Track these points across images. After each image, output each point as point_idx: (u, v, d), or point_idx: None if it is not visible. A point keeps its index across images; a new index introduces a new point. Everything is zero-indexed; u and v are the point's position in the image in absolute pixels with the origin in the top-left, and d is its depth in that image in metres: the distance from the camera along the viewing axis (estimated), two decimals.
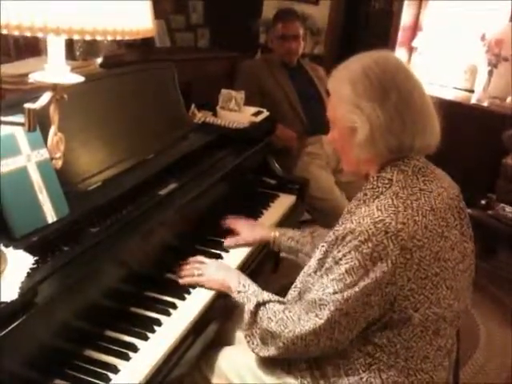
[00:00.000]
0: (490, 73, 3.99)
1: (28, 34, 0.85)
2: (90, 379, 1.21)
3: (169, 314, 1.43)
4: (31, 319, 1.09)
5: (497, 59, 3.94)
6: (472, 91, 4.18)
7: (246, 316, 1.38)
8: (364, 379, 1.28)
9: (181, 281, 1.57)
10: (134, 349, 1.30)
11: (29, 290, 1.11)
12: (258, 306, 1.38)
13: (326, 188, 2.83)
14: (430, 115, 1.30)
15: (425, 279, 1.23)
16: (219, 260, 1.70)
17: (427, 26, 4.47)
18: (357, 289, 1.20)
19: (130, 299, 1.45)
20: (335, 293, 1.22)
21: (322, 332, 1.25)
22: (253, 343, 1.37)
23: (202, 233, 1.81)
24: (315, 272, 1.33)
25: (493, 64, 3.96)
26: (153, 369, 1.26)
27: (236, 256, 1.75)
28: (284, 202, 2.18)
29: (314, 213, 2.94)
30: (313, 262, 1.36)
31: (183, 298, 1.50)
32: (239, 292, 1.45)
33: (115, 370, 1.23)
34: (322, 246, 1.33)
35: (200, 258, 1.66)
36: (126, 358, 1.27)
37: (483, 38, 4.03)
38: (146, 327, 1.37)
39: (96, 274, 1.31)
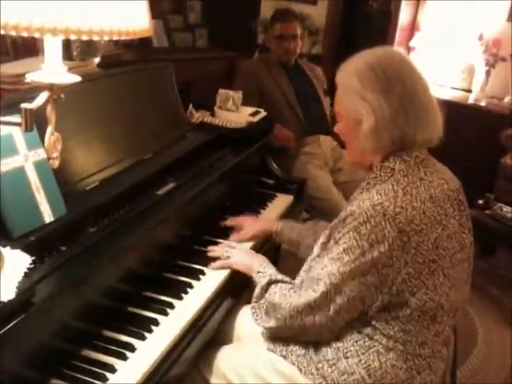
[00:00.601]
0: (488, 73, 4.01)
1: (25, 34, 0.86)
2: (87, 379, 1.21)
3: (166, 314, 1.43)
4: (29, 319, 1.09)
5: (494, 59, 3.95)
6: (470, 91, 4.19)
7: (257, 290, 1.48)
8: (363, 361, 1.31)
9: (210, 267, 1.64)
10: (132, 348, 1.30)
11: (26, 290, 1.11)
12: (270, 283, 1.47)
13: (324, 188, 2.83)
14: (433, 109, 1.35)
15: (422, 264, 1.26)
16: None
17: (425, 25, 4.48)
18: (353, 265, 1.25)
19: (128, 299, 1.45)
20: (332, 269, 1.28)
21: (317, 306, 1.31)
22: (257, 315, 1.47)
23: (199, 233, 1.81)
24: (318, 256, 1.38)
25: (490, 64, 3.97)
26: (150, 368, 1.26)
27: None
28: (282, 202, 2.19)
29: (312, 212, 2.94)
30: (316, 248, 1.41)
31: (180, 298, 1.50)
32: (258, 272, 1.54)
33: (112, 369, 1.23)
34: (325, 233, 1.38)
35: (228, 242, 1.76)
36: (124, 357, 1.27)
37: (481, 37, 4.04)
38: (143, 327, 1.37)
39: (93, 273, 1.31)
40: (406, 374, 1.31)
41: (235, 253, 1.67)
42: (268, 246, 1.88)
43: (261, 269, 1.54)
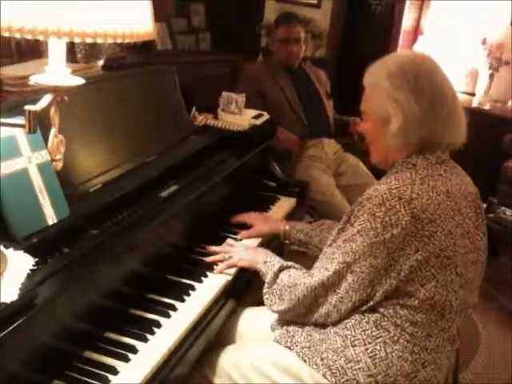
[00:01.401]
0: (491, 76, 4.01)
1: (29, 37, 0.86)
2: (89, 380, 1.20)
3: (168, 316, 1.43)
4: (31, 320, 1.09)
5: (498, 63, 3.95)
6: (473, 95, 4.19)
7: (269, 276, 1.51)
8: (369, 350, 1.32)
9: (215, 271, 1.63)
10: (134, 350, 1.30)
11: (29, 292, 1.12)
12: (282, 269, 1.51)
13: (327, 191, 2.83)
14: (460, 113, 1.38)
15: (436, 258, 1.28)
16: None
17: (428, 29, 4.48)
18: (366, 245, 1.28)
19: (130, 301, 1.45)
20: (345, 248, 1.32)
21: (330, 284, 1.34)
22: (271, 300, 1.49)
23: (202, 235, 1.81)
24: (334, 241, 1.40)
25: (494, 68, 3.98)
26: (152, 370, 1.26)
27: None
28: (284, 205, 2.19)
29: (315, 215, 2.94)
30: (333, 234, 1.43)
31: (183, 300, 1.50)
32: (265, 262, 1.56)
33: (114, 371, 1.23)
34: (343, 218, 1.41)
35: (229, 241, 1.76)
36: (126, 359, 1.27)
37: (484, 41, 4.04)
38: (145, 329, 1.37)
39: (96, 275, 1.31)
40: (412, 366, 1.32)
41: (236, 251, 1.68)
42: (273, 245, 1.90)
43: (267, 259, 1.57)
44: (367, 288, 1.32)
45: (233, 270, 1.64)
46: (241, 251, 1.68)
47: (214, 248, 1.72)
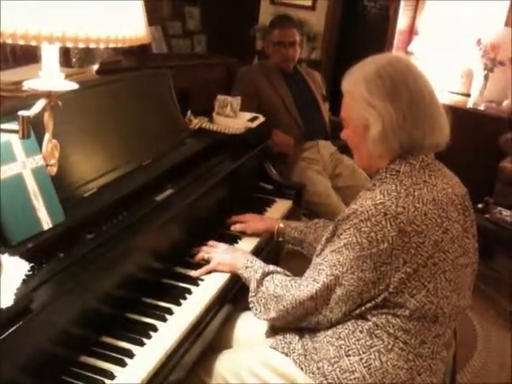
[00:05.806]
0: (486, 77, 4.02)
1: (22, 42, 0.86)
2: None
3: (165, 320, 1.43)
4: (26, 326, 1.09)
5: (493, 63, 3.97)
6: (468, 95, 4.21)
7: (253, 284, 1.49)
8: (364, 360, 1.32)
9: (193, 274, 1.62)
10: (130, 355, 1.30)
11: (24, 297, 1.11)
12: (264, 275, 1.50)
13: (323, 193, 2.84)
14: (440, 114, 1.37)
15: (424, 267, 1.27)
16: (227, 244, 1.76)
17: (423, 30, 4.49)
18: (352, 259, 1.28)
19: (126, 305, 1.45)
20: (332, 260, 1.32)
21: (319, 296, 1.34)
22: (256, 309, 1.48)
23: (199, 238, 1.81)
24: (322, 251, 1.40)
25: (489, 68, 3.99)
26: (149, 374, 1.26)
27: None
28: (280, 207, 2.19)
29: (311, 217, 2.94)
30: (320, 245, 1.43)
31: (179, 304, 1.50)
32: (247, 267, 1.55)
33: (111, 376, 1.23)
34: (329, 228, 1.41)
35: (211, 242, 1.74)
36: (122, 364, 1.27)
37: (479, 42, 4.06)
38: (141, 333, 1.37)
39: (91, 280, 1.31)
40: (407, 374, 1.32)
41: (216, 254, 1.66)
42: (271, 246, 1.91)
43: (248, 263, 1.56)
44: (356, 299, 1.32)
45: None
46: (220, 253, 1.66)
47: (198, 249, 1.71)
